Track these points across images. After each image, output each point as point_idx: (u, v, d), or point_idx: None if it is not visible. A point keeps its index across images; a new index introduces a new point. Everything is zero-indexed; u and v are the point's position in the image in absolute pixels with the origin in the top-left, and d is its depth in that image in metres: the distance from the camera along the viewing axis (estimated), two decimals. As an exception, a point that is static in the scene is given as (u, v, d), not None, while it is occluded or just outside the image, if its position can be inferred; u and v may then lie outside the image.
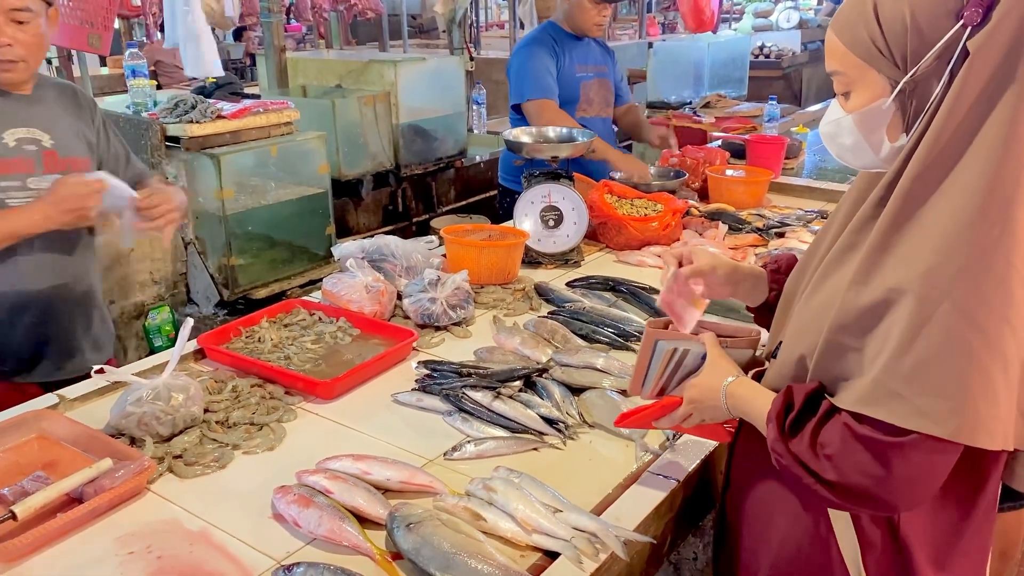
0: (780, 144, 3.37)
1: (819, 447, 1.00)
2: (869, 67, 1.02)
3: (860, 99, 1.05)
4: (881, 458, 0.95)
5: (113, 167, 2.05)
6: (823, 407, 1.02)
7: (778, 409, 1.06)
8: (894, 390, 0.94)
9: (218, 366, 1.84)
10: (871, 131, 1.05)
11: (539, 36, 3.30)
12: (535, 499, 1.29)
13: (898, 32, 0.98)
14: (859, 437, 0.97)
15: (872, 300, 0.97)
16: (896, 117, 1.03)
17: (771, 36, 9.08)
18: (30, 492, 1.31)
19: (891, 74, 1.01)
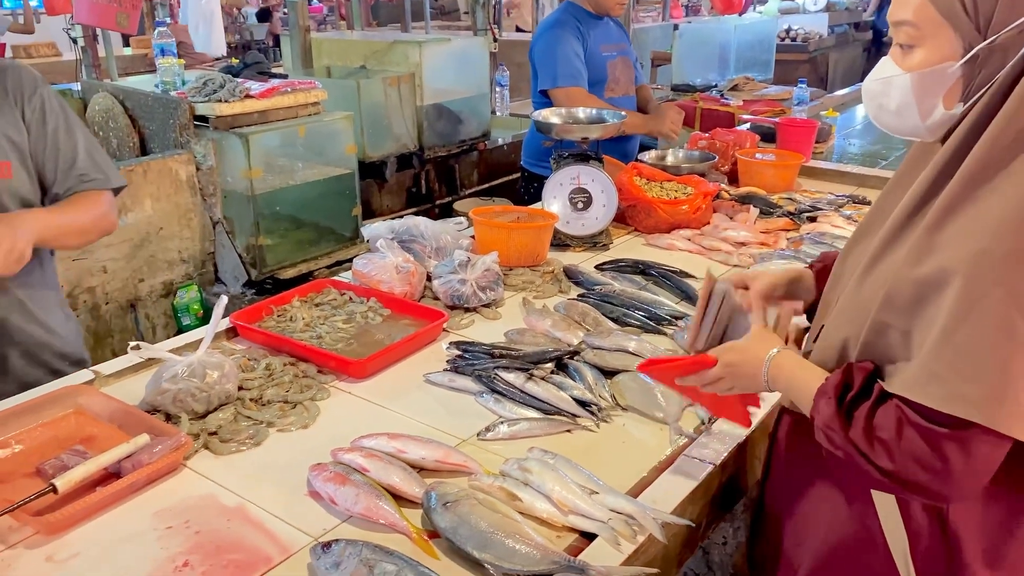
0: (811, 127, 3.32)
1: (873, 430, 0.97)
2: (946, 24, 0.96)
3: (925, 57, 0.99)
4: (935, 447, 0.93)
5: (51, 165, 1.73)
6: (877, 389, 1.00)
7: (836, 386, 1.02)
8: (936, 373, 0.92)
9: (250, 344, 1.85)
10: (927, 94, 1.00)
11: (562, 18, 3.26)
12: (571, 480, 1.28)
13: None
14: (913, 424, 0.94)
15: (922, 280, 0.95)
16: (957, 84, 0.98)
17: (798, 19, 8.96)
18: (69, 466, 1.32)
19: (968, 37, 0.95)
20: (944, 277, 0.92)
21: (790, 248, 2.39)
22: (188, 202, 3.21)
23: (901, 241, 1.02)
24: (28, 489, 1.26)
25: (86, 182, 1.76)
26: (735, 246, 2.40)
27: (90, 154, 1.78)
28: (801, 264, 2.20)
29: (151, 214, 3.10)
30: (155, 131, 3.32)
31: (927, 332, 0.94)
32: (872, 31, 10.20)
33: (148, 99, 3.33)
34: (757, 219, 2.58)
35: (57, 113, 1.75)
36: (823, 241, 2.40)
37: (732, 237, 2.43)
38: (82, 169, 1.76)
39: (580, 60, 3.18)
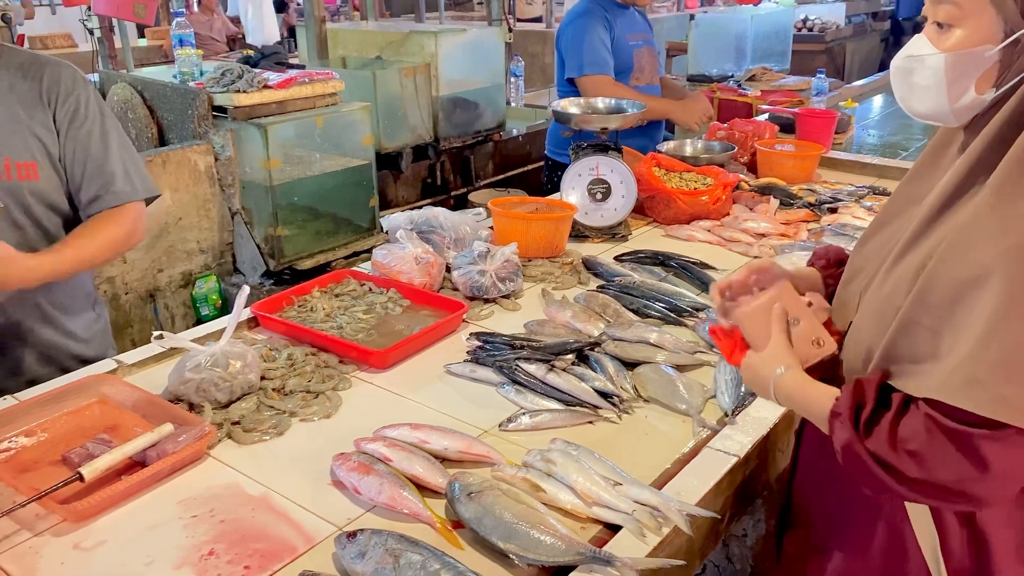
0: (831, 118, 3.29)
1: (900, 443, 0.93)
2: (989, 5, 0.93)
3: (964, 38, 0.96)
4: (971, 452, 0.89)
5: (79, 170, 1.67)
6: (896, 399, 0.96)
7: (849, 406, 0.99)
8: (976, 377, 0.88)
9: (271, 335, 1.86)
10: (960, 76, 0.97)
11: (590, 7, 3.26)
12: (594, 472, 1.28)
13: None
14: (945, 429, 0.91)
15: (958, 278, 0.91)
16: (993, 69, 0.95)
17: (814, 9, 8.88)
18: (94, 455, 1.33)
19: (1012, 21, 0.92)
20: (982, 274, 0.89)
21: (811, 239, 2.38)
22: (207, 192, 3.22)
23: (931, 235, 0.99)
24: (54, 477, 1.28)
25: (112, 193, 1.69)
26: (755, 237, 2.39)
27: (123, 162, 1.71)
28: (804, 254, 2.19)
29: (170, 204, 3.12)
30: (173, 122, 3.33)
31: (961, 332, 0.90)
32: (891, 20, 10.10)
33: (167, 90, 3.34)
34: (777, 210, 2.56)
35: (94, 117, 1.69)
36: (844, 232, 2.38)
37: (752, 228, 2.42)
38: (109, 177, 1.69)
39: (607, 49, 3.19)
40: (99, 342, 1.88)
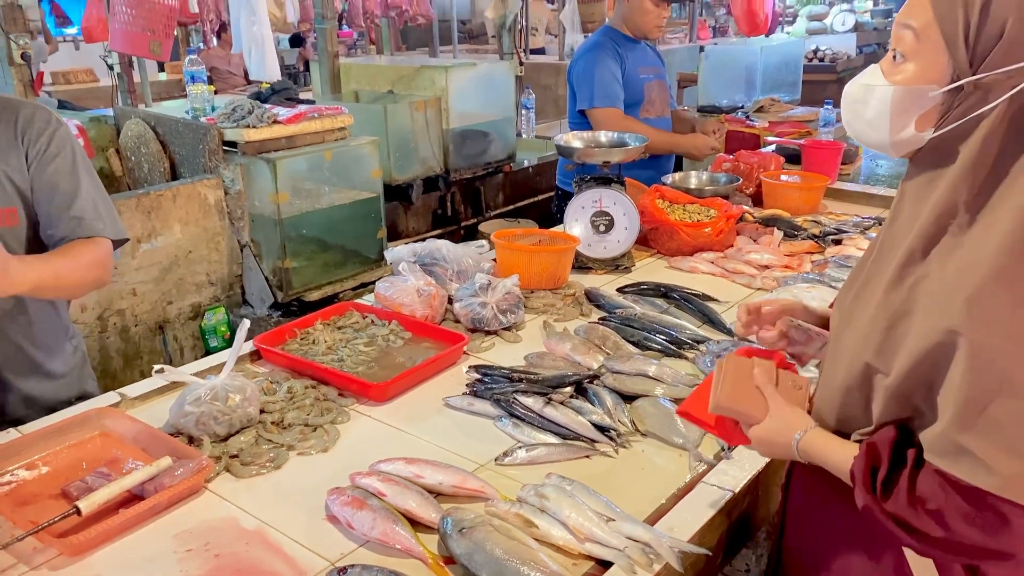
0: (837, 149, 3.30)
1: (920, 503, 0.93)
2: (944, 48, 0.95)
3: (914, 73, 0.98)
4: (988, 509, 0.89)
5: (46, 207, 1.64)
6: (911, 455, 0.95)
7: (863, 470, 0.98)
8: (963, 446, 0.89)
9: (273, 367, 1.87)
10: (903, 110, 0.99)
11: (601, 41, 3.32)
12: (587, 507, 1.28)
13: (993, 32, 0.92)
14: (958, 488, 0.90)
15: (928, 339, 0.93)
16: (934, 109, 0.97)
17: (825, 39, 8.93)
18: (93, 488, 1.34)
19: (960, 67, 0.94)
20: (948, 337, 0.91)
21: (815, 271, 2.37)
22: (216, 226, 3.27)
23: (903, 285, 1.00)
24: (54, 510, 1.29)
25: (83, 227, 1.65)
26: (759, 269, 2.39)
27: (92, 200, 1.69)
28: (826, 287, 2.19)
29: (180, 238, 3.16)
30: (185, 156, 3.38)
31: (946, 393, 0.91)
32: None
33: (179, 125, 3.40)
34: (781, 242, 2.56)
35: (65, 154, 1.67)
36: (848, 264, 2.38)
37: (756, 260, 2.42)
38: (79, 213, 1.65)
39: (618, 82, 3.24)
40: (78, 375, 1.86)
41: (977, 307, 0.88)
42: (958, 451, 0.89)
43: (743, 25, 6.97)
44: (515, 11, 6.15)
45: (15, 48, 3.78)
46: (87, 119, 3.81)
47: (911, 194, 1.04)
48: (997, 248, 0.89)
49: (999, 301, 0.88)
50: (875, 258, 1.09)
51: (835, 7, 10.54)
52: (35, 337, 1.74)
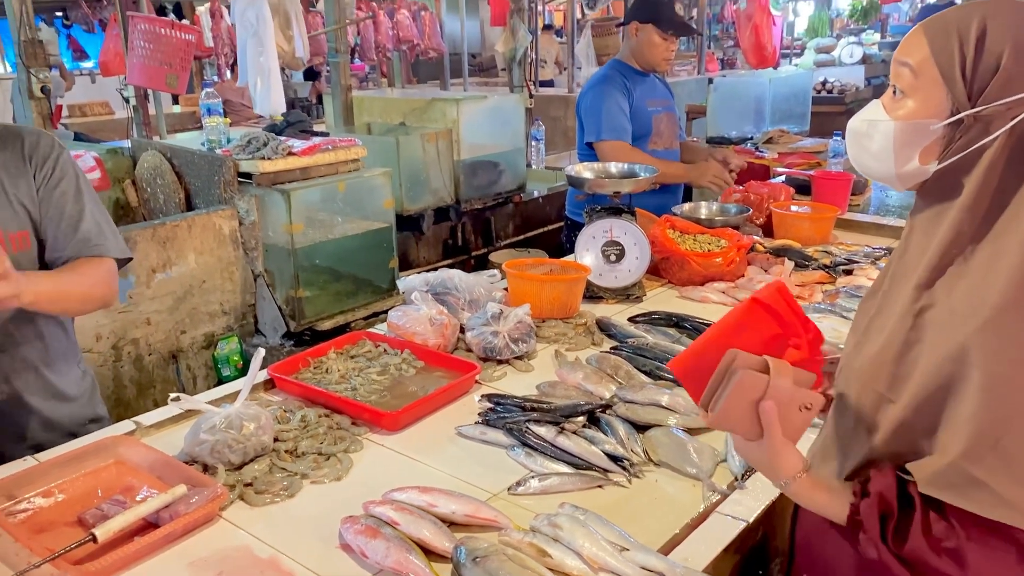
0: (847, 180, 3.32)
1: (937, 543, 0.93)
2: (941, 83, 0.97)
3: (914, 108, 1.00)
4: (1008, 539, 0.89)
5: (53, 229, 1.68)
6: (918, 496, 0.95)
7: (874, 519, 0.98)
8: (974, 477, 0.88)
9: (287, 396, 1.88)
10: (906, 144, 1.01)
11: (609, 74, 3.36)
12: (601, 537, 1.28)
13: (989, 65, 0.94)
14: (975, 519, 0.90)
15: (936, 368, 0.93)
16: (937, 143, 1.00)
17: (833, 71, 8.99)
18: (109, 516, 1.35)
19: (959, 101, 0.96)
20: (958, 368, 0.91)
21: (826, 301, 2.38)
22: (230, 256, 3.30)
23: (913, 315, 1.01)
24: (70, 538, 1.30)
25: (88, 247, 1.70)
26: (770, 299, 2.39)
27: (97, 222, 1.73)
28: (838, 317, 2.19)
29: (194, 267, 3.19)
30: (200, 187, 3.43)
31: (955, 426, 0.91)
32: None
33: (194, 157, 3.45)
34: (792, 272, 2.57)
35: (69, 178, 1.71)
36: (859, 294, 2.38)
37: (766, 290, 2.42)
38: (85, 234, 1.70)
39: (625, 115, 3.27)
40: (89, 397, 1.88)
41: (989, 338, 0.89)
42: (969, 483, 0.89)
43: (751, 57, 7.04)
44: (525, 45, 6.24)
45: (35, 82, 3.86)
46: (104, 151, 3.87)
47: (919, 227, 1.06)
48: (1007, 280, 0.90)
49: (1011, 332, 0.88)
50: (886, 289, 1.10)
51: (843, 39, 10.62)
52: (50, 361, 1.76)
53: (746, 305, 1.11)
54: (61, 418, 1.79)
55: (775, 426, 1.03)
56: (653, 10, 3.28)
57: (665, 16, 3.27)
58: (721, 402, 1.05)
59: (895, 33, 12.03)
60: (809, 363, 1.08)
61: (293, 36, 4.41)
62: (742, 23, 7.22)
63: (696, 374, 1.10)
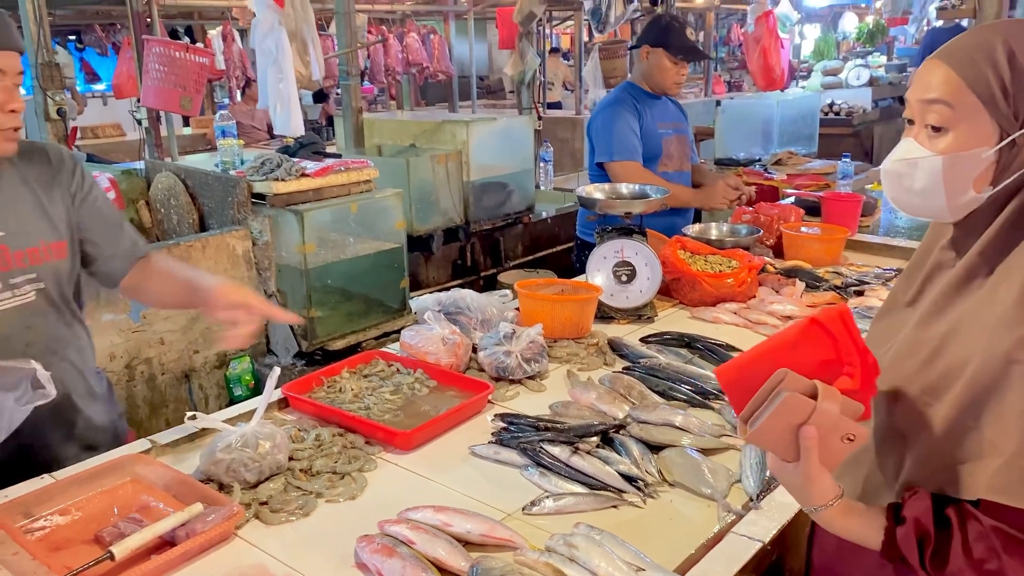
0: (856, 201, 3.33)
1: (978, 564, 0.92)
2: (983, 109, 0.97)
3: (959, 141, 1.00)
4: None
5: (98, 232, 1.77)
6: (954, 516, 0.95)
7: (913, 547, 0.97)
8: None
9: (301, 415, 1.89)
10: (959, 177, 1.00)
11: (621, 96, 3.39)
12: (617, 557, 1.28)
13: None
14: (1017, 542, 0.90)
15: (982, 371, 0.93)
16: (989, 169, 0.99)
17: (841, 93, 9.01)
18: (126, 534, 1.36)
19: (1005, 123, 0.97)
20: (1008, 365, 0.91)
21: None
22: (244, 276, 3.32)
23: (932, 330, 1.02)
24: (87, 555, 1.30)
25: (138, 247, 1.85)
26: (781, 320, 2.39)
27: (123, 223, 1.86)
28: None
29: (208, 287, 3.21)
30: (214, 208, 3.46)
31: (1004, 427, 0.90)
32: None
33: (208, 178, 3.48)
34: (803, 293, 2.57)
35: (96, 186, 1.81)
36: (870, 315, 2.37)
37: (778, 311, 2.43)
38: (131, 235, 1.85)
39: (636, 136, 3.29)
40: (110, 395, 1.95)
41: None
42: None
43: (759, 80, 7.08)
44: (533, 67, 6.30)
45: (51, 104, 3.92)
46: (118, 172, 3.91)
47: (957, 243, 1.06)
48: None
49: None
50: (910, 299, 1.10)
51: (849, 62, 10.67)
52: (85, 361, 1.84)
53: (804, 324, 1.08)
54: (98, 416, 1.85)
55: (814, 453, 1.01)
56: (664, 35, 3.32)
57: (676, 41, 3.30)
58: (761, 420, 1.03)
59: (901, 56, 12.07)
60: (859, 394, 1.05)
61: (310, 60, 4.47)
62: (750, 46, 7.27)
63: (741, 385, 1.08)
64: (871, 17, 13.94)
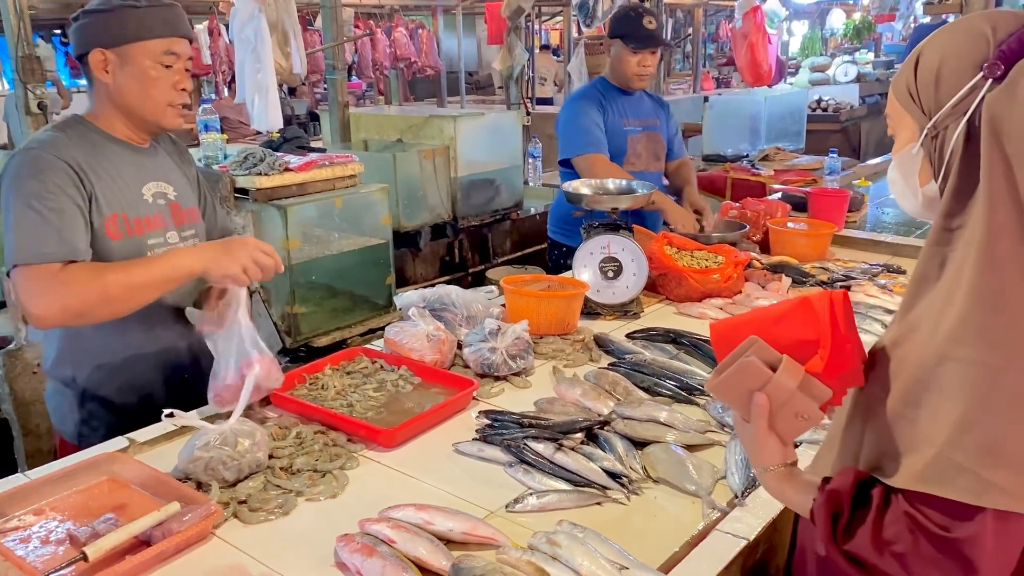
0: (843, 197, 3.32)
1: (884, 545, 0.95)
2: (904, 112, 1.06)
3: (898, 143, 1.10)
4: (956, 555, 0.91)
5: (210, 215, 2.08)
6: (876, 496, 0.98)
7: (825, 517, 1.01)
8: (961, 464, 0.90)
9: (282, 412, 1.87)
10: (907, 175, 1.09)
11: (587, 91, 3.35)
12: (600, 555, 1.26)
13: (927, 79, 1.02)
14: (928, 534, 0.92)
15: (918, 365, 0.96)
16: (925, 163, 1.06)
17: (828, 90, 9.05)
18: (101, 534, 1.33)
19: (920, 120, 1.04)
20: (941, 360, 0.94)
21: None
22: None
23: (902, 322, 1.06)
24: (61, 556, 1.28)
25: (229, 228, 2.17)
26: (768, 315, 2.38)
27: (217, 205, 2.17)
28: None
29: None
30: (197, 203, 3.42)
31: (936, 419, 0.93)
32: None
33: (192, 172, 3.44)
34: (789, 288, 2.56)
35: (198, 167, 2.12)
36: (857, 311, 2.37)
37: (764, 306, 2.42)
38: (223, 215, 2.18)
39: (600, 129, 3.20)
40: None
41: (964, 328, 0.92)
42: (957, 472, 0.90)
43: (747, 76, 7.08)
44: (522, 63, 6.28)
45: (32, 98, 3.86)
46: (101, 167, 3.86)
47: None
48: (973, 268, 0.93)
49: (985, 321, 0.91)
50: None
51: (837, 58, 10.70)
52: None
53: (797, 301, 1.12)
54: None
55: (762, 419, 1.09)
56: (621, 25, 3.24)
57: (632, 30, 3.18)
58: (722, 376, 1.10)
59: (888, 52, 12.12)
60: (826, 379, 1.07)
61: (291, 53, 4.42)
62: (738, 42, 7.27)
63: (726, 343, 1.14)
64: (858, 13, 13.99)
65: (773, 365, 1.06)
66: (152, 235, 1.86)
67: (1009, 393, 0.89)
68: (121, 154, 1.85)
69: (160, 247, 1.87)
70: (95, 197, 1.76)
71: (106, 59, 1.78)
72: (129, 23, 1.76)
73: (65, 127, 1.83)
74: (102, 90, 1.82)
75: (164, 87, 1.81)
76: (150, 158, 1.92)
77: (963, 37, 1.00)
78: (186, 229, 1.95)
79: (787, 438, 1.11)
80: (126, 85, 1.79)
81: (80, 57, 1.81)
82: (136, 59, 1.78)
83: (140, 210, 1.85)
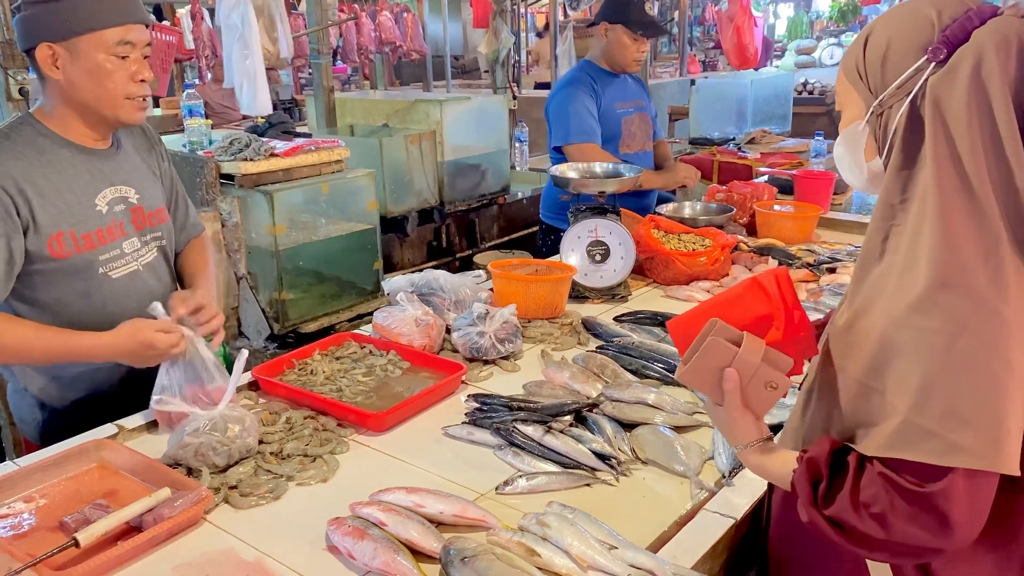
0: (829, 179, 3.34)
1: (862, 507, 0.98)
2: (852, 88, 1.10)
3: (845, 119, 1.13)
4: (931, 510, 0.94)
5: (181, 213, 2.00)
6: (852, 461, 1.01)
7: (805, 484, 1.04)
8: (926, 428, 0.93)
9: (272, 398, 1.87)
10: (853, 151, 1.12)
11: (577, 76, 3.33)
12: (590, 535, 1.27)
13: (874, 59, 1.05)
14: (902, 491, 0.95)
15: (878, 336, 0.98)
16: (871, 139, 1.09)
17: (814, 72, 9.07)
18: (91, 520, 1.33)
19: (866, 98, 1.07)
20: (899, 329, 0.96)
21: (810, 299, 2.39)
22: (213, 258, 3.27)
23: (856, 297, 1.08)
24: (51, 543, 1.28)
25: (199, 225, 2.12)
26: (754, 297, 2.40)
27: (188, 200, 2.08)
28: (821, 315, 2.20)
29: (177, 270, 3.16)
30: (182, 189, 3.40)
31: (901, 388, 0.96)
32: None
33: (176, 158, 3.41)
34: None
35: (170, 159, 2.01)
36: (843, 292, 2.39)
37: (751, 289, 2.43)
38: (193, 211, 2.10)
39: (593, 117, 3.22)
40: None
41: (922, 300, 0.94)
42: (923, 436, 0.93)
43: (733, 59, 7.08)
44: (508, 46, 6.25)
45: (12, 84, 3.81)
46: (84, 153, 3.83)
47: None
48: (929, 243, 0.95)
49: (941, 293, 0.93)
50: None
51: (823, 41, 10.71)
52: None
53: (747, 283, 1.19)
54: None
55: (735, 394, 1.14)
56: (623, 11, 3.23)
57: (635, 16, 3.21)
58: (691, 363, 1.15)
59: (874, 35, 12.14)
60: (785, 346, 1.15)
61: (278, 37, 4.38)
62: (723, 24, 7.26)
63: (686, 335, 1.19)
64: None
65: (736, 342, 1.13)
66: (104, 249, 1.74)
67: (965, 357, 0.91)
68: (72, 161, 1.71)
69: (114, 261, 1.77)
70: (33, 219, 1.64)
71: (55, 54, 1.62)
72: (78, 13, 1.60)
73: (11, 131, 1.68)
74: (53, 87, 1.67)
75: (121, 80, 1.66)
76: (108, 160, 1.78)
77: (910, 20, 1.03)
78: (148, 233, 1.85)
79: (760, 411, 1.17)
80: (79, 81, 1.64)
81: (27, 52, 1.65)
82: (88, 52, 1.62)
83: (91, 223, 1.72)
